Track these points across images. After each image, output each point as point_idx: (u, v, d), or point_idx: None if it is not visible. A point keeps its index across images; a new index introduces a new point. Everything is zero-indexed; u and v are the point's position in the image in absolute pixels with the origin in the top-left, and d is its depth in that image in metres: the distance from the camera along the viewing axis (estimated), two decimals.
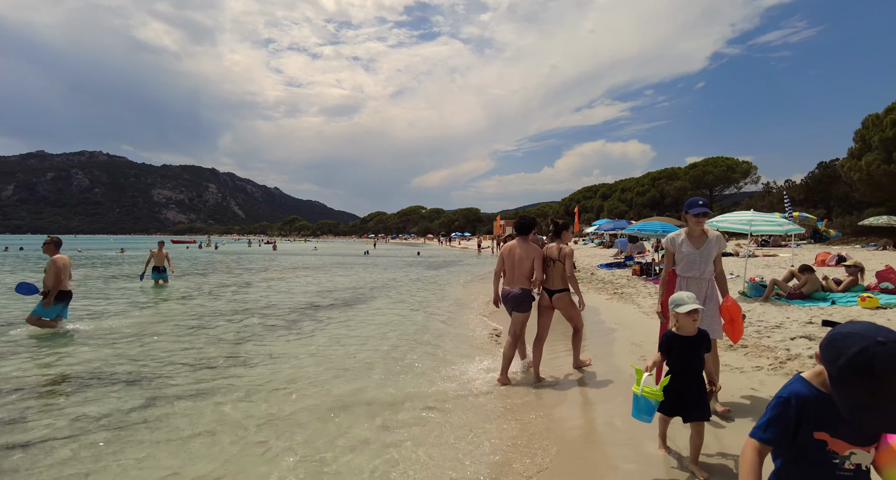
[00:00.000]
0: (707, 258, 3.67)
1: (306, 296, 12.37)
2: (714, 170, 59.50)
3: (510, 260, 5.07)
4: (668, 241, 3.87)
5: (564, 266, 4.95)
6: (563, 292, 5.04)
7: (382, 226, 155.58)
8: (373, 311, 9.94)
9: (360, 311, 10.01)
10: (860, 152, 23.68)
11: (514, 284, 5.02)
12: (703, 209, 3.62)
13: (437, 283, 15.84)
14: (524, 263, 4.98)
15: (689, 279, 3.73)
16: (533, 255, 4.97)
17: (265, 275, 18.73)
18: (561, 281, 5.02)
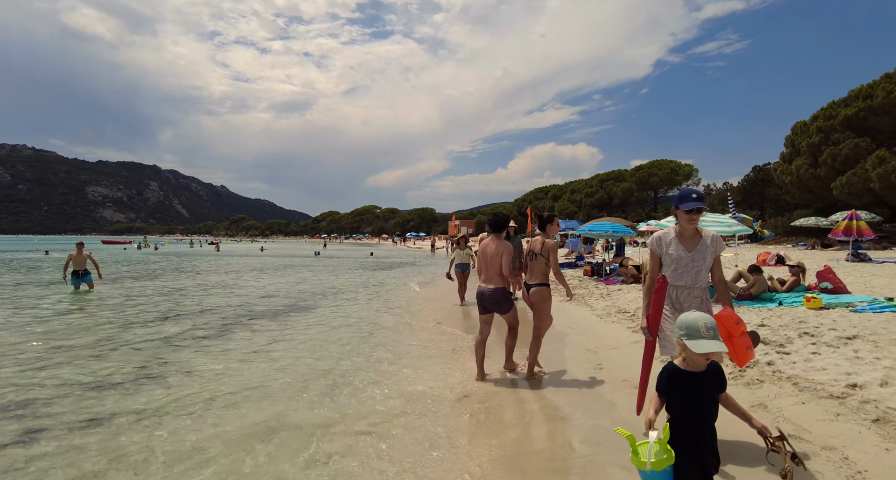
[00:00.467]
0: (701, 263, 3.03)
1: (243, 302, 11.48)
2: (658, 173, 61.91)
3: (484, 257, 4.97)
4: (655, 242, 3.20)
5: (548, 260, 4.82)
6: (541, 286, 4.86)
7: (335, 226, 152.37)
8: (315, 319, 9.26)
9: (300, 318, 9.30)
10: (791, 156, 25.07)
11: (488, 282, 4.92)
12: (698, 203, 2.94)
13: (388, 286, 15.26)
14: (496, 261, 4.87)
15: (680, 288, 3.09)
16: (502, 251, 4.83)
17: (203, 278, 17.49)
18: (540, 276, 4.87)
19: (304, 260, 30.82)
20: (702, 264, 3.04)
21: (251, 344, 7.05)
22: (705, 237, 3.07)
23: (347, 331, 7.84)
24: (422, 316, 9.27)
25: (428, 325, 8.37)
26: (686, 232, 3.07)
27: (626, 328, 6.81)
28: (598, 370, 5.00)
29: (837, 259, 13.92)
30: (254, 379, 5.26)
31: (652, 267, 3.24)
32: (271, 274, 19.60)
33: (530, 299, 4.91)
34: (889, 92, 21.96)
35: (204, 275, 18.85)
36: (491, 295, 4.85)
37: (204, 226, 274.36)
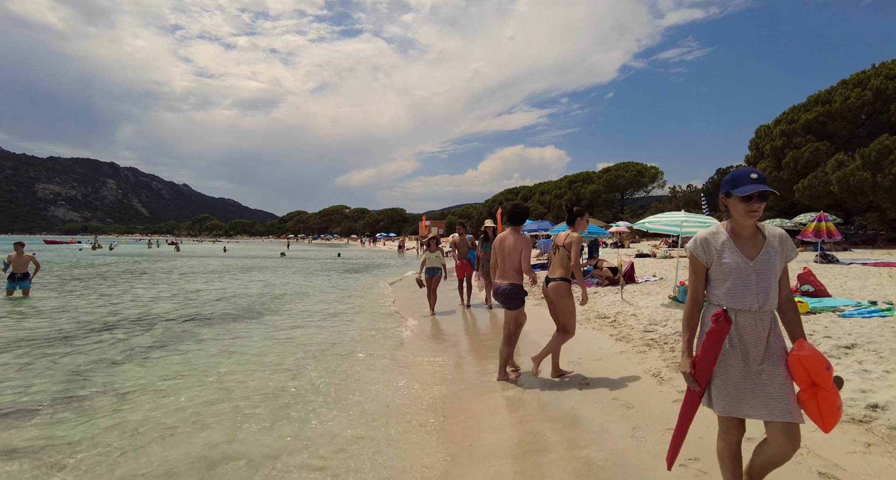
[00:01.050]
0: (769, 275, 2.08)
1: (195, 308, 10.57)
2: (625, 175, 62.98)
3: (501, 252, 4.74)
4: (700, 246, 2.18)
5: (570, 253, 4.51)
6: (560, 281, 4.57)
7: (303, 226, 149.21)
8: (271, 327, 8.49)
9: (255, 326, 8.52)
10: (755, 159, 25.57)
11: (504, 278, 4.72)
12: (760, 186, 1.99)
13: (355, 290, 14.52)
14: (513, 256, 4.64)
15: (741, 313, 2.09)
16: (521, 246, 4.60)
17: (155, 282, 16.30)
18: (561, 270, 4.58)
19: (268, 262, 29.60)
20: (770, 277, 2.08)
21: (196, 357, 6.28)
22: (770, 237, 2.13)
23: (306, 342, 7.13)
24: (389, 327, 8.63)
25: (396, 336, 7.74)
26: (744, 230, 2.12)
27: (609, 336, 6.36)
28: (582, 386, 4.49)
29: (805, 260, 14.02)
30: (193, 401, 4.53)
31: (695, 284, 2.21)
32: (230, 277, 18.52)
33: (548, 295, 4.63)
34: (846, 98, 22.61)
35: (157, 278, 17.62)
36: (504, 291, 4.67)
37: (165, 226, 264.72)
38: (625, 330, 6.54)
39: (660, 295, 8.86)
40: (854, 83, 22.64)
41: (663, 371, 4.55)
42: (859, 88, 22.10)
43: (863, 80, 22.39)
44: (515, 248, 4.62)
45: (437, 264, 9.39)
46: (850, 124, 22.66)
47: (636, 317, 7.16)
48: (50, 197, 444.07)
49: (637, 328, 6.48)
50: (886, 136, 19.28)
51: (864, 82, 22.18)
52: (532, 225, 18.52)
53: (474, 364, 5.87)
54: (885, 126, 20.99)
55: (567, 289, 4.58)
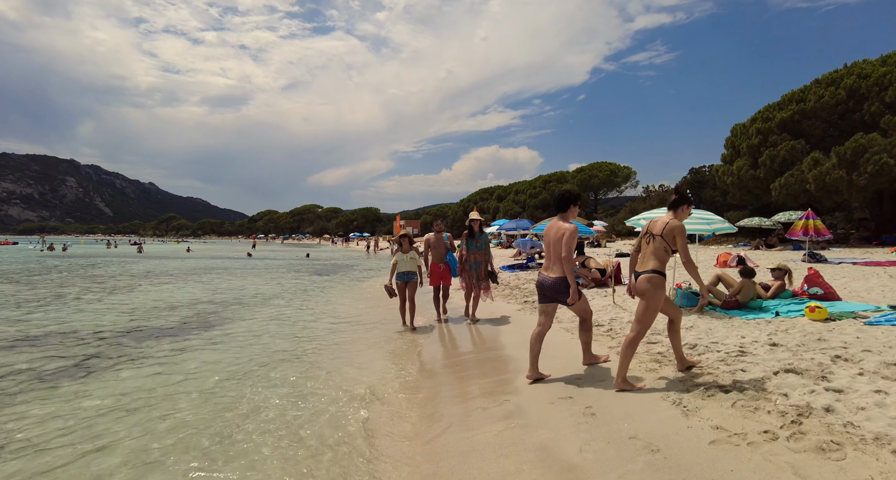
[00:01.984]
0: None
1: (138, 316, 9.32)
2: (599, 175, 63.18)
3: (547, 241, 4.37)
4: None
5: (668, 245, 3.89)
6: (654, 274, 3.90)
7: (273, 226, 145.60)
8: (219, 340, 7.38)
9: (202, 339, 7.39)
10: (731, 158, 25.45)
11: (550, 270, 4.32)
12: None
13: (321, 294, 13.42)
14: (558, 245, 4.19)
15: None
16: (563, 232, 4.15)
17: (102, 286, 14.80)
18: (654, 262, 3.93)
19: (233, 263, 28.03)
20: None
21: (121, 380, 5.18)
22: None
23: (255, 361, 6.07)
24: (361, 334, 7.61)
25: (365, 345, 6.75)
26: None
27: (608, 348, 5.52)
28: (589, 418, 3.61)
29: (793, 259, 13.61)
30: (107, 437, 3.48)
31: None
32: (188, 280, 17.10)
33: (637, 287, 4.00)
34: (819, 96, 22.63)
35: (106, 282, 16.08)
36: (552, 284, 4.26)
37: (130, 226, 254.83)
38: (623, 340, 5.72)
39: None
40: (827, 82, 22.69)
41: (685, 397, 3.71)
42: (833, 87, 22.14)
43: (835, 79, 22.46)
44: (558, 237, 4.18)
45: (411, 267, 7.72)
46: (823, 123, 22.69)
47: None
48: (3, 195, 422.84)
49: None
50: (861, 135, 19.26)
51: (837, 81, 22.24)
52: (509, 223, 17.72)
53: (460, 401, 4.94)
54: (858, 125, 21.05)
55: (661, 283, 3.92)
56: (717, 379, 3.99)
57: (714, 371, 4.21)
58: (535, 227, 12.09)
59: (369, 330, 7.86)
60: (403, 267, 7.70)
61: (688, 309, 6.82)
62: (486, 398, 4.39)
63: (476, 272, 7.77)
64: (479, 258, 7.78)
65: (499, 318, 8.16)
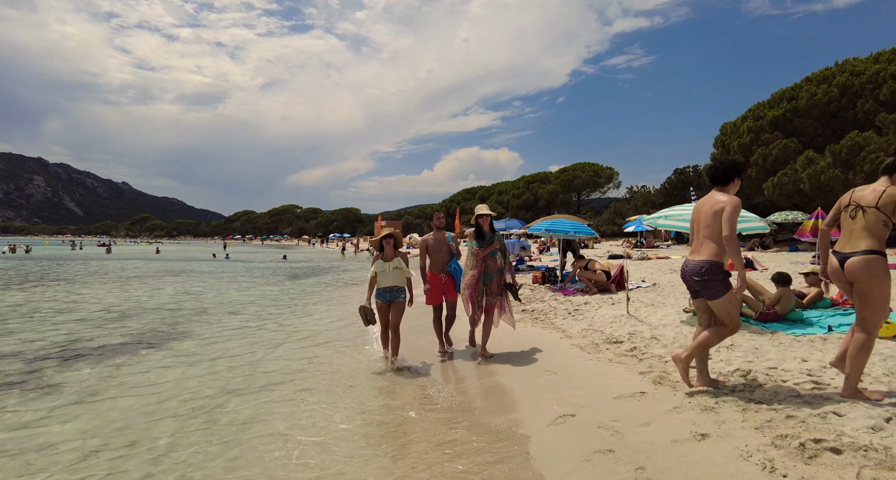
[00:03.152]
0: None
1: (77, 329, 7.97)
2: (582, 175, 62.80)
3: (696, 219, 3.61)
4: None
5: (886, 217, 3.11)
6: (869, 255, 3.12)
7: (251, 227, 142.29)
8: (167, 361, 6.14)
9: (144, 359, 6.13)
10: (721, 156, 24.88)
11: (697, 253, 3.55)
12: None
13: (293, 303, 12.17)
14: (716, 220, 3.39)
15: None
16: (723, 205, 3.35)
17: (45, 292, 13.27)
18: (867, 239, 3.14)
19: (201, 265, 26.42)
20: None
21: (30, 412, 3.95)
22: None
23: (205, 389, 4.86)
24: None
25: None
26: None
27: (637, 374, 4.45)
28: None
29: (800, 261, 12.87)
30: None
31: None
32: (150, 284, 15.62)
33: (850, 273, 3.19)
34: (812, 94, 22.22)
35: (66, 285, 14.48)
36: (698, 269, 3.47)
37: (101, 226, 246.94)
38: (654, 363, 4.67)
39: (668, 307, 7.14)
40: (819, 80, 22.30)
41: (776, 458, 2.67)
42: (825, 85, 21.74)
43: (827, 76, 22.08)
44: (715, 212, 3.38)
45: (397, 281, 5.49)
46: (816, 121, 22.28)
47: (659, 342, 5.33)
48: None
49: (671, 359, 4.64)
50: (856, 133, 18.80)
51: (829, 79, 21.85)
52: (498, 224, 16.70)
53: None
54: (852, 123, 20.66)
55: (884, 266, 3.14)
56: (808, 427, 2.95)
57: (795, 412, 3.17)
58: (535, 226, 11.01)
59: (338, 357, 6.07)
60: (386, 282, 5.45)
61: None
62: None
63: (486, 286, 5.54)
64: (493, 267, 5.54)
65: (526, 351, 5.81)
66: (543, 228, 10.02)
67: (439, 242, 5.94)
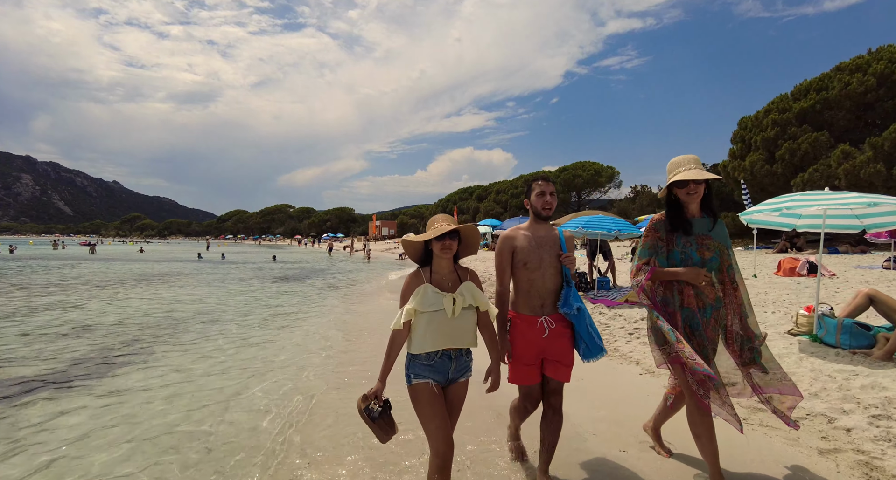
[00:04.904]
0: None
1: (22, 356, 6.09)
2: (583, 174, 61.17)
3: None
4: None
5: None
6: None
7: (243, 227, 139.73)
8: (122, 392, 4.31)
9: (91, 388, 4.30)
10: (742, 153, 23.30)
11: None
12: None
13: (279, 313, 10.35)
14: None
15: None
16: None
17: (12, 297, 11.33)
18: None
19: (184, 266, 24.43)
20: None
21: None
22: None
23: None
24: (337, 383, 4.60)
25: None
26: None
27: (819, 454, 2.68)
28: None
29: (867, 265, 11.17)
30: None
31: None
32: (124, 289, 13.68)
33: None
34: (845, 84, 20.64)
35: (28, 290, 12.52)
36: None
37: (91, 225, 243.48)
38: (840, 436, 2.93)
39: (772, 330, 5.36)
40: (852, 68, 20.72)
41: None
42: (859, 74, 20.16)
43: (861, 65, 20.50)
44: None
45: (465, 335, 2.35)
46: (849, 113, 20.70)
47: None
48: None
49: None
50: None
51: (864, 67, 20.27)
52: (509, 222, 14.89)
53: None
54: (891, 114, 19.11)
55: None
56: None
57: None
58: (567, 223, 9.14)
59: (340, 425, 3.78)
60: (443, 336, 2.31)
61: (855, 349, 4.15)
62: None
63: (724, 336, 2.64)
64: (710, 296, 2.54)
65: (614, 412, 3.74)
66: (580, 226, 8.24)
67: (541, 245, 2.68)
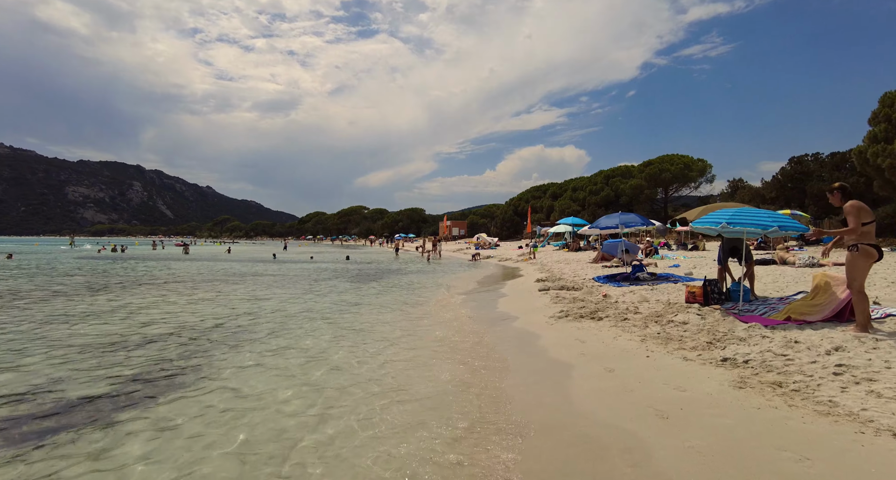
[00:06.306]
0: None
1: (63, 373, 5.49)
2: (671, 168, 56.45)
3: None
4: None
5: None
6: None
7: (321, 227, 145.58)
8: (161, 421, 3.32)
9: (127, 421, 3.37)
10: (886, 135, 19.43)
11: None
12: None
13: (349, 325, 9.34)
14: None
15: None
16: None
17: (95, 300, 11.41)
18: None
19: (262, 267, 24.71)
20: None
21: None
22: None
23: None
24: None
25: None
26: None
27: None
28: None
29: None
30: None
31: None
32: (201, 289, 13.53)
33: None
34: None
35: (104, 293, 12.69)
36: None
37: (187, 227, 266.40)
38: None
39: None
40: None
41: None
42: None
43: None
44: None
45: None
46: None
47: None
48: (79, 199, 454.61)
49: None
50: None
51: None
52: (609, 219, 13.05)
53: None
54: None
55: None
56: None
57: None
58: (696, 221, 7.32)
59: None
60: None
61: None
62: None
63: None
64: None
65: None
66: (724, 222, 6.40)
67: None
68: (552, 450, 3.41)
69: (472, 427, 3.86)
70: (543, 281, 13.53)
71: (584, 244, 28.64)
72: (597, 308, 8.22)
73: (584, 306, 8.55)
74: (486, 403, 4.40)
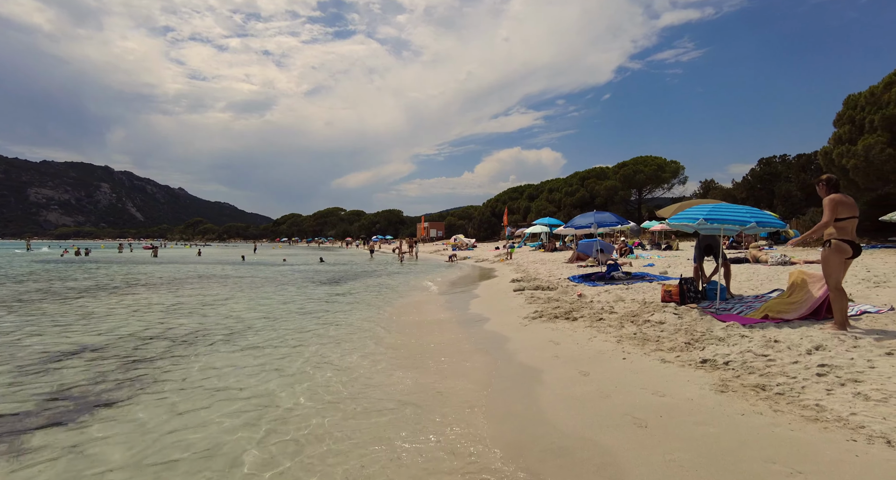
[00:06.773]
0: None
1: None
2: (644, 170, 57.31)
3: None
4: None
5: None
6: None
7: (297, 229, 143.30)
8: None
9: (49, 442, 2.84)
10: (851, 136, 19.90)
11: None
12: None
13: (321, 329, 8.87)
14: None
15: None
16: None
17: (49, 307, 10.61)
18: None
19: (231, 270, 23.86)
20: None
21: None
22: None
23: None
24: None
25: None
26: None
27: None
28: None
29: None
30: None
31: None
32: (161, 292, 12.78)
33: None
34: None
35: (54, 299, 11.82)
36: None
37: (158, 230, 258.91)
38: None
39: None
40: None
41: None
42: None
43: None
44: None
45: None
46: None
47: None
48: (42, 201, 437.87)
49: None
50: None
51: None
52: (583, 219, 12.85)
53: None
54: None
55: None
56: None
57: None
58: (671, 218, 7.08)
59: None
60: None
61: None
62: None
63: None
64: None
65: None
66: (701, 217, 6.17)
67: None
68: (522, 470, 3.05)
69: (437, 442, 3.47)
70: (519, 281, 13.26)
71: (560, 244, 28.63)
72: (572, 308, 7.94)
73: (558, 306, 8.28)
74: (452, 412, 4.02)
